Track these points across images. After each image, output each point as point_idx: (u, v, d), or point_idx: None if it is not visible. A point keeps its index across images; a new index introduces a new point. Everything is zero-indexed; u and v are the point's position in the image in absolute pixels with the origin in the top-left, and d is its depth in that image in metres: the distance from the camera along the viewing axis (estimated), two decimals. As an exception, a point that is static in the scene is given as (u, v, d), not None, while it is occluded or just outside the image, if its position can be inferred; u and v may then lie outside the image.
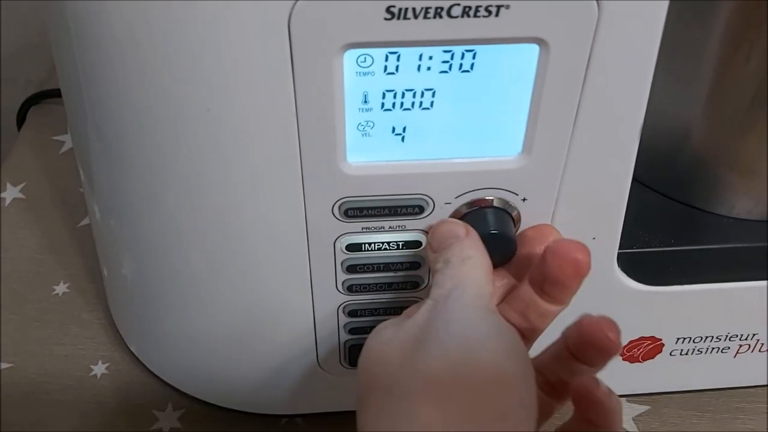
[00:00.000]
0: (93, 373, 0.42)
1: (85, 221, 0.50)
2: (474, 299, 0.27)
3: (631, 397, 0.42)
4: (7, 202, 0.51)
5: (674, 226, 0.36)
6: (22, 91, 0.63)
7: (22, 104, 0.57)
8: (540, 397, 0.28)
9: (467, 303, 0.27)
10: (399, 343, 0.27)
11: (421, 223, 0.31)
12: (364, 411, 0.26)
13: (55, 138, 0.55)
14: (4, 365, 0.43)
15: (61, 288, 0.46)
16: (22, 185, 0.52)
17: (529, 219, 0.31)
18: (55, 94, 0.57)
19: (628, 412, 0.41)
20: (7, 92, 0.77)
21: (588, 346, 0.28)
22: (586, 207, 0.31)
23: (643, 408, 0.42)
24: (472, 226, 0.30)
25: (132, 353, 0.43)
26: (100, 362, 0.43)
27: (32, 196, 0.52)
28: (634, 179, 0.31)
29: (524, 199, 0.30)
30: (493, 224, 0.30)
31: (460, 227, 0.29)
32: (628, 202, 0.31)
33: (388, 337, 0.27)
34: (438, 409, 0.24)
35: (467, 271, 0.28)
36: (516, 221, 0.31)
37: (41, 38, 0.77)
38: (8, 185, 0.52)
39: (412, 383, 0.25)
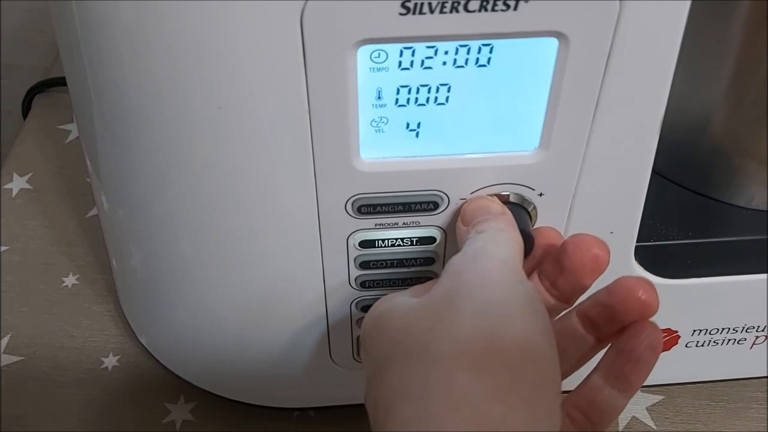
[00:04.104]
0: (104, 365, 0.42)
1: (93, 212, 0.50)
2: (503, 264, 0.26)
3: (645, 387, 0.42)
4: (14, 192, 0.51)
5: (692, 218, 0.36)
6: (26, 77, 0.62)
7: (27, 92, 0.57)
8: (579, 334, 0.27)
9: (497, 267, 0.26)
10: (425, 309, 0.25)
11: (436, 219, 0.30)
12: (384, 380, 0.25)
13: (61, 127, 0.55)
14: (15, 358, 0.42)
15: (70, 280, 0.46)
16: (29, 175, 0.52)
17: (546, 214, 0.30)
18: (60, 82, 0.56)
19: (642, 402, 0.41)
20: (11, 78, 0.77)
21: (620, 309, 0.27)
22: (604, 201, 0.31)
23: (657, 398, 0.41)
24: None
25: (143, 345, 0.42)
26: (111, 355, 0.43)
27: (39, 187, 0.51)
28: (652, 171, 0.30)
29: (541, 194, 0.30)
30: (510, 221, 0.29)
31: (497, 205, 0.28)
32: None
33: (411, 305, 0.26)
34: (475, 377, 0.23)
35: (499, 239, 0.27)
36: (532, 217, 0.30)
37: (44, 23, 0.77)
38: (15, 175, 0.52)
39: (444, 347, 0.24)
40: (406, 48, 0.26)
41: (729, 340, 0.38)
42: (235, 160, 0.29)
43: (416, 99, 0.27)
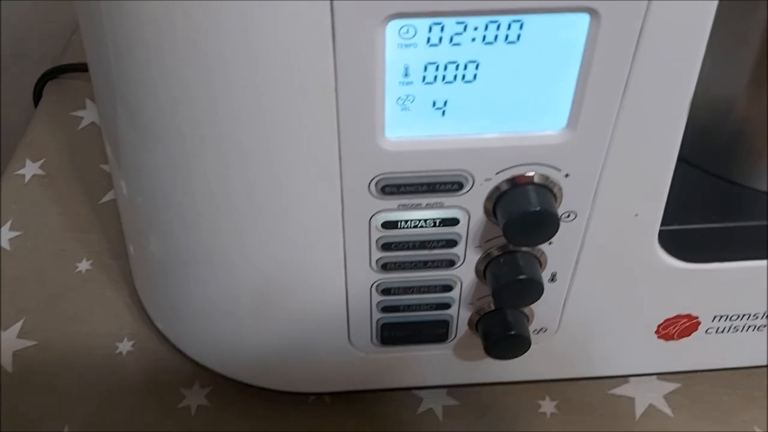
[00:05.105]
0: (118, 351, 0.42)
1: (106, 198, 0.49)
2: None
3: (662, 375, 0.41)
4: (27, 178, 0.51)
5: (715, 203, 0.35)
6: (33, 67, 0.62)
7: (39, 79, 0.57)
8: None
9: None
10: None
11: (460, 200, 0.30)
12: None
13: (73, 113, 0.55)
14: (29, 343, 0.42)
15: (84, 265, 0.46)
16: (42, 161, 0.52)
17: (571, 195, 0.30)
18: (72, 68, 0.56)
19: (659, 389, 0.41)
20: (18, 68, 0.76)
21: None
22: (630, 183, 0.30)
23: (674, 386, 0.41)
24: (512, 203, 0.29)
25: (158, 331, 0.42)
26: (125, 340, 0.42)
27: (52, 173, 0.51)
28: (676, 155, 0.30)
29: (567, 175, 0.29)
30: (536, 201, 0.29)
31: None
32: (669, 178, 0.31)
33: None
34: None
35: None
36: (557, 198, 0.30)
37: (52, 13, 0.76)
38: (27, 161, 0.51)
39: None
40: (435, 23, 0.25)
41: (749, 326, 0.38)
42: (258, 138, 0.28)
43: (443, 76, 0.27)
